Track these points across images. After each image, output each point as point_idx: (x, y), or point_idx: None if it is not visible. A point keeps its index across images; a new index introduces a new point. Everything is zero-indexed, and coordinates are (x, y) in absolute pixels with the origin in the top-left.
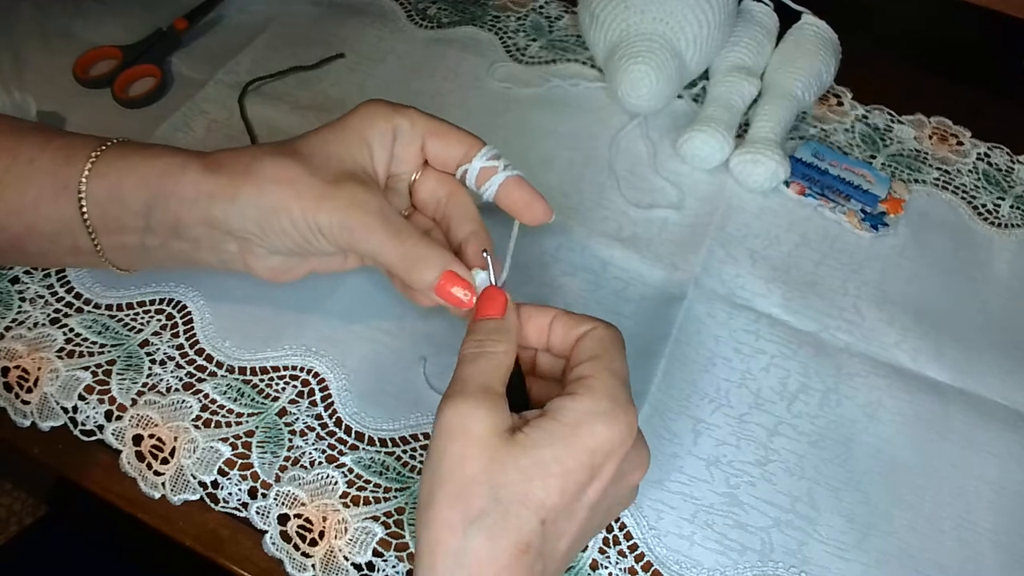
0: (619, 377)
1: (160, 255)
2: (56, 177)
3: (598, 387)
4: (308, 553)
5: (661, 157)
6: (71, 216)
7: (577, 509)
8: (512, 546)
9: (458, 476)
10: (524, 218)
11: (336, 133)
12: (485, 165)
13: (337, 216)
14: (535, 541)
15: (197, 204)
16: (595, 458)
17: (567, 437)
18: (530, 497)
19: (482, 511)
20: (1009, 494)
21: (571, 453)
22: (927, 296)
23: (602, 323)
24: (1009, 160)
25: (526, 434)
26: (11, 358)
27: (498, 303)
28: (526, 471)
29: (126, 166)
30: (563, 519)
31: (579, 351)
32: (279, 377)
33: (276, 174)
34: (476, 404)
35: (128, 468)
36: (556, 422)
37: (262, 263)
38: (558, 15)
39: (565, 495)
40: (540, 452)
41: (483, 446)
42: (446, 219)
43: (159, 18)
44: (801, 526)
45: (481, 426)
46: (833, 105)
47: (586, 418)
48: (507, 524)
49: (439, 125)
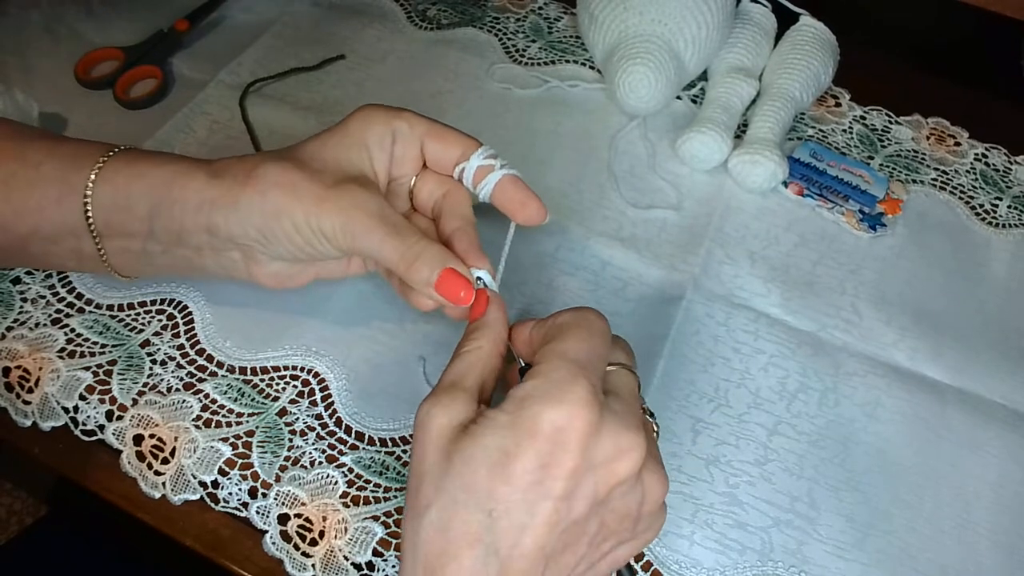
0: (567, 357)
1: (162, 262)
2: (63, 182)
3: (544, 371)
4: (308, 553)
5: (660, 158)
6: (76, 220)
7: (536, 501)
8: (459, 537)
9: (415, 472)
10: (518, 218)
11: (335, 138)
12: (482, 163)
13: (339, 218)
14: (482, 533)
15: (200, 211)
16: (538, 443)
17: (508, 424)
18: (475, 487)
19: (429, 503)
20: (1008, 494)
21: (513, 439)
22: (925, 296)
23: (569, 310)
24: (1007, 160)
25: (477, 424)
26: (12, 358)
27: (479, 304)
28: (471, 460)
29: (132, 173)
30: (518, 512)
31: (538, 342)
32: (279, 377)
33: (277, 179)
34: (434, 401)
35: (128, 468)
36: (501, 411)
37: (265, 270)
38: (557, 16)
39: (513, 485)
40: (485, 440)
41: (436, 441)
42: (439, 215)
43: (160, 19)
44: (801, 526)
45: (436, 422)
46: (831, 106)
47: (528, 402)
48: (453, 515)
49: (437, 127)
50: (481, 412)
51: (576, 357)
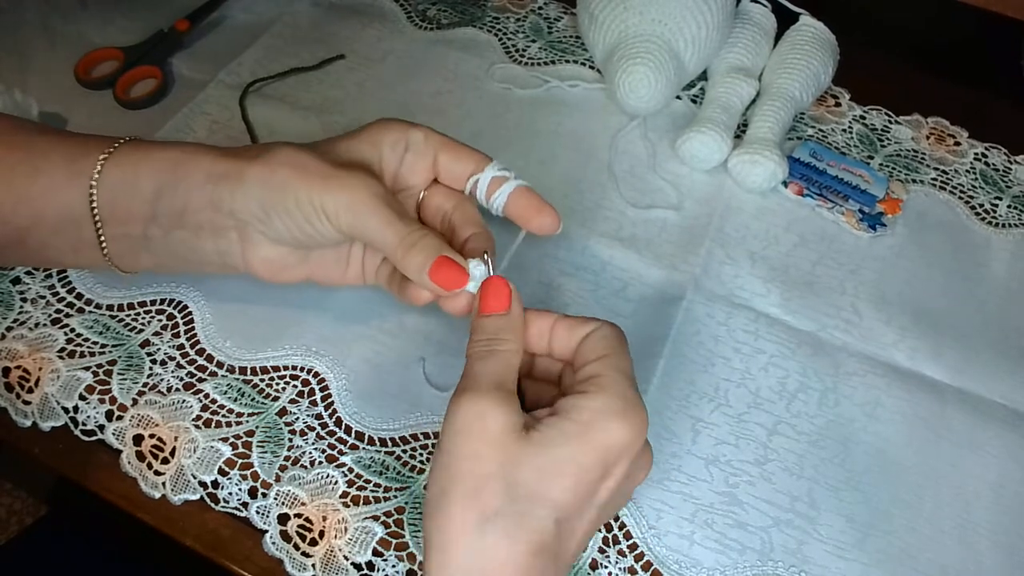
0: (628, 376)
1: (160, 248)
2: (70, 166)
3: (609, 385)
4: (308, 553)
5: (660, 158)
6: (79, 205)
7: (587, 508)
8: (528, 546)
9: (474, 474)
10: (533, 226)
11: (349, 137)
12: (496, 175)
13: (343, 196)
14: (550, 541)
15: (205, 186)
16: (608, 456)
17: (582, 435)
18: (547, 496)
19: (498, 510)
20: (1008, 494)
21: (586, 452)
22: (925, 296)
23: (606, 323)
24: (1006, 160)
25: (541, 432)
26: (12, 358)
27: (502, 296)
28: (542, 470)
29: (141, 155)
30: (575, 518)
31: (585, 351)
32: (279, 377)
33: (287, 158)
34: (491, 401)
35: (128, 468)
36: (570, 420)
37: (260, 256)
38: (557, 16)
39: (579, 494)
40: (556, 451)
41: (498, 444)
42: (451, 226)
43: (160, 19)
44: (801, 525)
45: (497, 424)
46: (831, 106)
47: (600, 416)
48: (523, 524)
49: (451, 142)
50: (537, 419)
51: (633, 378)
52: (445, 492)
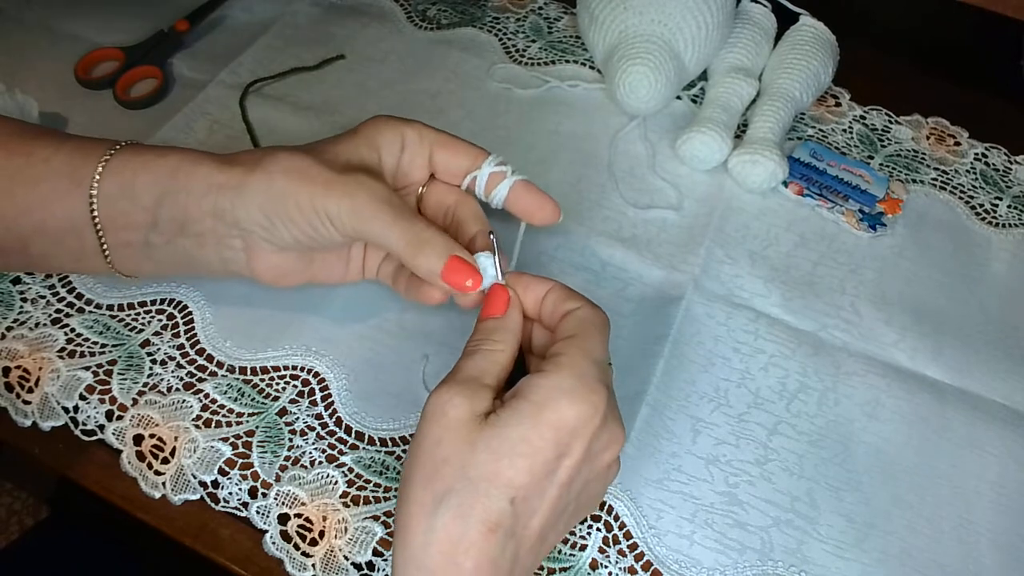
0: (591, 357)
1: (163, 256)
2: (70, 175)
3: (566, 364)
4: (308, 553)
5: (660, 158)
6: (80, 213)
7: (547, 487)
8: (481, 524)
9: (432, 458)
10: (535, 219)
11: (346, 138)
12: (494, 170)
13: (346, 201)
14: (505, 520)
15: (206, 196)
16: (560, 435)
17: (535, 415)
18: (499, 476)
19: (449, 490)
20: (1009, 494)
21: (537, 431)
22: (925, 296)
23: (588, 304)
24: (1007, 160)
25: (498, 415)
26: (12, 358)
27: (500, 301)
28: (495, 451)
29: (140, 163)
30: (534, 498)
31: (560, 329)
32: (279, 377)
33: (287, 164)
34: (457, 390)
35: (129, 468)
36: (526, 400)
37: (265, 262)
38: (557, 16)
39: (534, 473)
40: (509, 431)
41: (457, 429)
42: (455, 223)
43: (160, 19)
44: (801, 525)
45: (457, 411)
46: (831, 106)
47: (551, 395)
48: (475, 503)
49: (446, 136)
50: (502, 403)
51: (597, 358)
52: (408, 478)
